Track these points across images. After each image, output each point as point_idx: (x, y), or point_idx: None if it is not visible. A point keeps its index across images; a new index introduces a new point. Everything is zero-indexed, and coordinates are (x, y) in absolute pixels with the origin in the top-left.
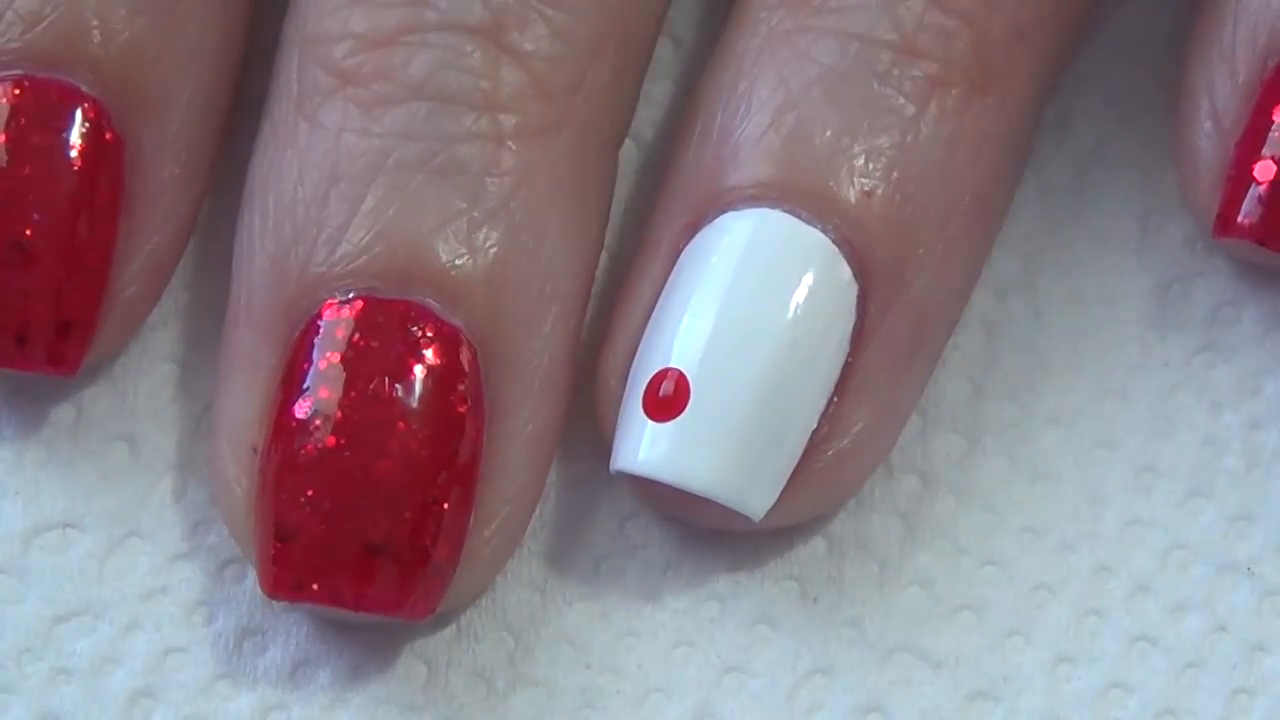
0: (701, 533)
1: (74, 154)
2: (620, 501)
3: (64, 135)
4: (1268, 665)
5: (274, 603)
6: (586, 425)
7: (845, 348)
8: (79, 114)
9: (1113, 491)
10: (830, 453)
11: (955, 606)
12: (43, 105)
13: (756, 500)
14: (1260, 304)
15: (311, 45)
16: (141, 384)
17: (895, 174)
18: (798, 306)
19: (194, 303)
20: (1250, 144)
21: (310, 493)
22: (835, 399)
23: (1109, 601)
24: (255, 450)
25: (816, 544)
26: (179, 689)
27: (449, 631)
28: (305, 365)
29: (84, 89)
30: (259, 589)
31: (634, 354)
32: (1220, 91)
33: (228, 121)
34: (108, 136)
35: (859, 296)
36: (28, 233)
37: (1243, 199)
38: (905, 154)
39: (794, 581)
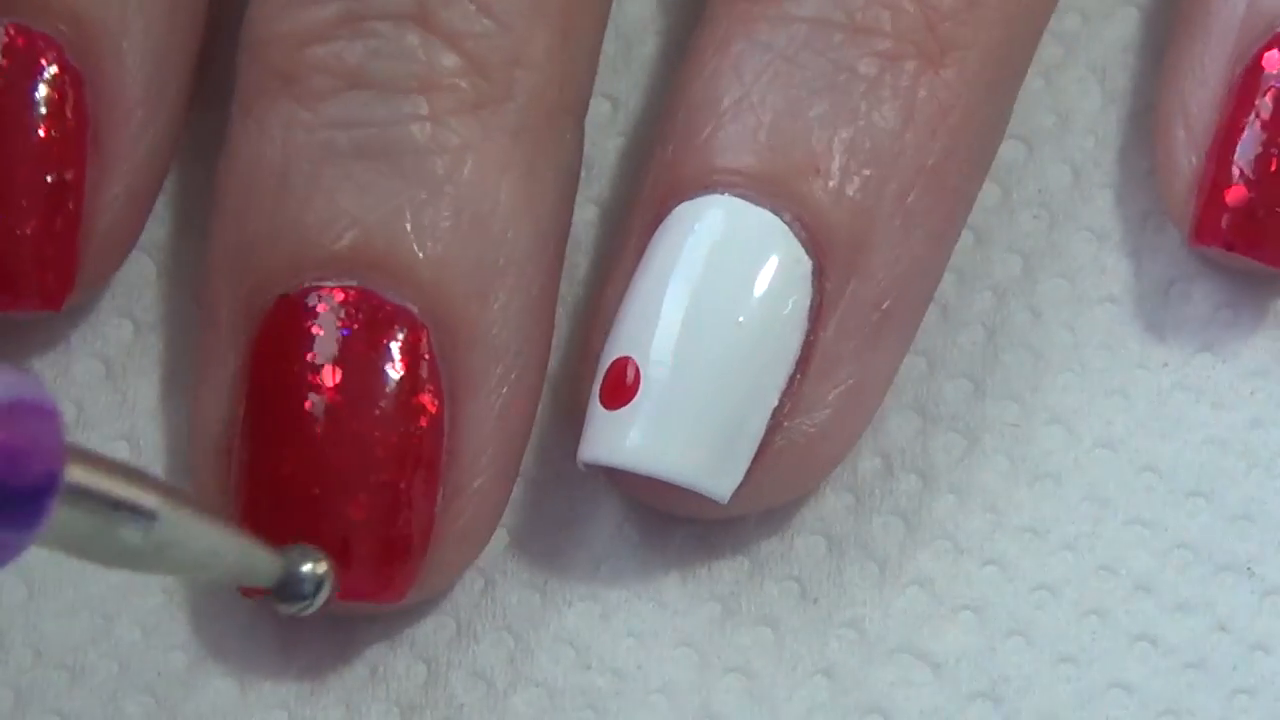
0: (702, 534)
1: (35, 91)
2: (620, 501)
3: (21, 74)
4: (1268, 665)
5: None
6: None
7: (803, 326)
8: (34, 52)
9: (1113, 491)
10: (794, 431)
11: (955, 606)
12: None
13: (720, 482)
14: (1260, 304)
15: (254, 49)
16: (141, 384)
17: (845, 150)
18: (747, 287)
19: (194, 303)
20: (1220, 151)
21: (273, 488)
22: (798, 377)
23: (1109, 601)
24: (229, 452)
25: (816, 544)
26: (179, 688)
27: (449, 631)
28: (263, 364)
29: (35, 28)
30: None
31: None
32: (1191, 100)
33: (195, 54)
34: (66, 71)
35: (815, 274)
36: None
37: (1214, 206)
38: (856, 130)
39: (794, 581)
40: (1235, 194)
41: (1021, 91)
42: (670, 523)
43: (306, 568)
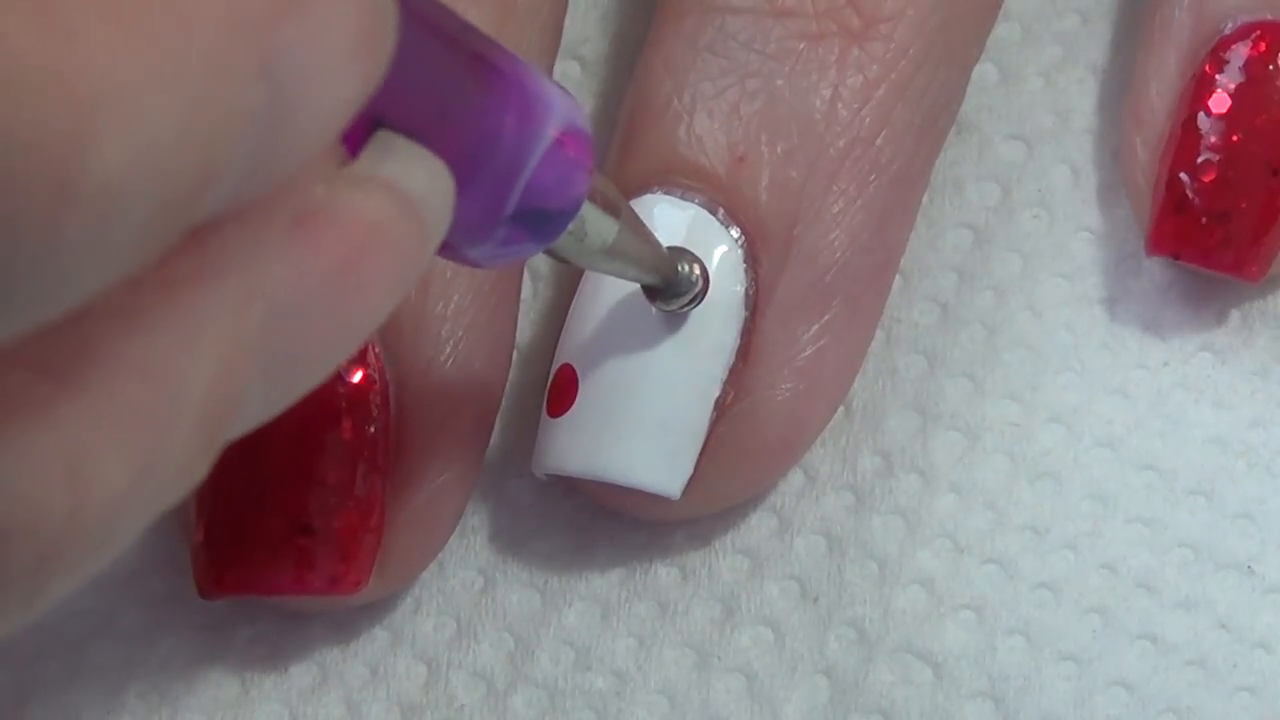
0: (702, 534)
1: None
2: None
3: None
4: (1269, 663)
5: (281, 609)
6: None
7: (740, 315)
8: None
9: (1114, 490)
10: (738, 419)
11: (955, 606)
12: None
13: (668, 479)
14: (1260, 304)
15: None
16: None
17: (769, 135)
18: None
19: None
20: (1170, 159)
21: (225, 481)
22: (739, 365)
23: (1110, 600)
24: None
25: (816, 544)
26: (181, 684)
27: (449, 631)
28: None
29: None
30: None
31: None
32: (1146, 110)
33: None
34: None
35: (748, 261)
36: None
37: (1164, 216)
38: (778, 114)
39: (794, 581)
40: (1180, 203)
41: (1021, 91)
42: (670, 524)
43: (688, 270)
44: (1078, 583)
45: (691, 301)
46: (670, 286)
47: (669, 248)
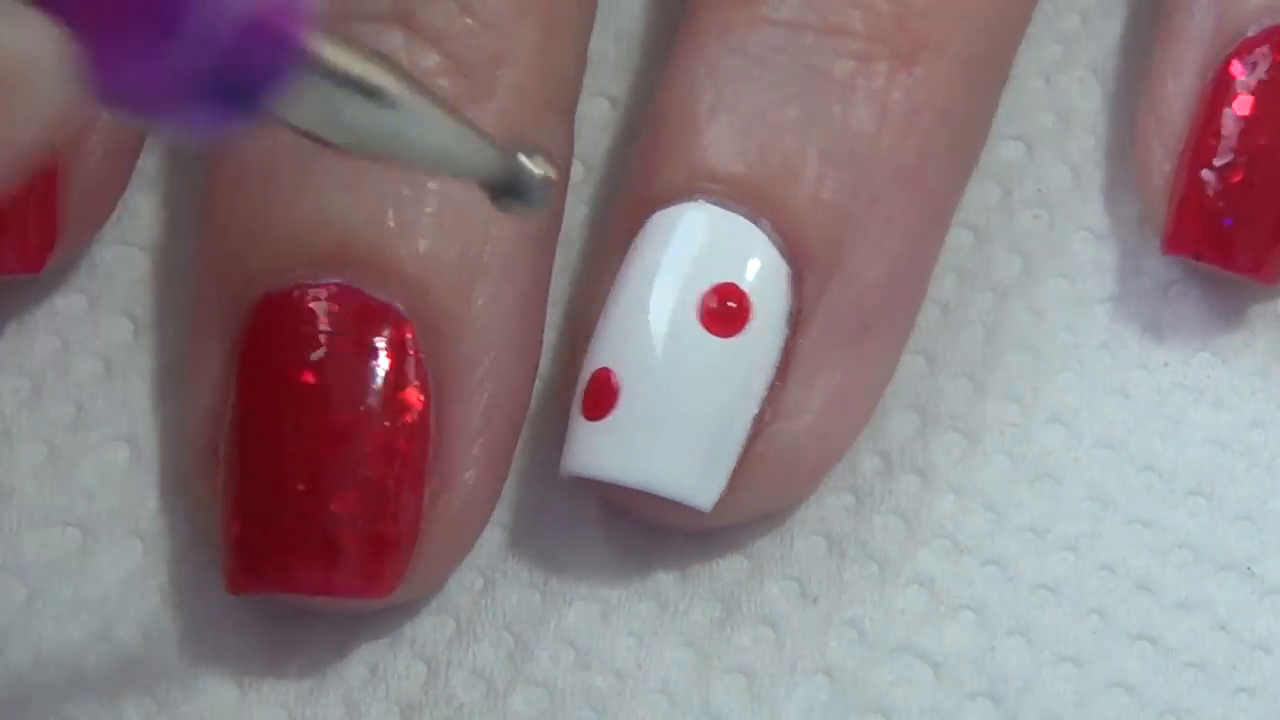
0: (702, 535)
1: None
2: None
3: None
4: (1268, 665)
5: (281, 608)
6: None
7: (781, 331)
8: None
9: (1113, 491)
10: (774, 438)
11: (955, 606)
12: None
13: (702, 492)
14: (1261, 304)
15: None
16: (141, 384)
17: (817, 154)
18: None
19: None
20: (1189, 160)
21: (259, 484)
22: (778, 383)
23: (1110, 601)
24: (216, 450)
25: (816, 544)
26: (178, 689)
27: (449, 631)
28: (249, 361)
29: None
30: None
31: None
32: (1164, 108)
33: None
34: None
35: (792, 279)
36: None
37: (1183, 215)
38: (830, 134)
39: (794, 581)
40: (1202, 203)
41: (1021, 91)
42: (689, 530)
43: (529, 167)
44: (1077, 583)
45: (537, 202)
46: (502, 182)
47: (513, 141)
